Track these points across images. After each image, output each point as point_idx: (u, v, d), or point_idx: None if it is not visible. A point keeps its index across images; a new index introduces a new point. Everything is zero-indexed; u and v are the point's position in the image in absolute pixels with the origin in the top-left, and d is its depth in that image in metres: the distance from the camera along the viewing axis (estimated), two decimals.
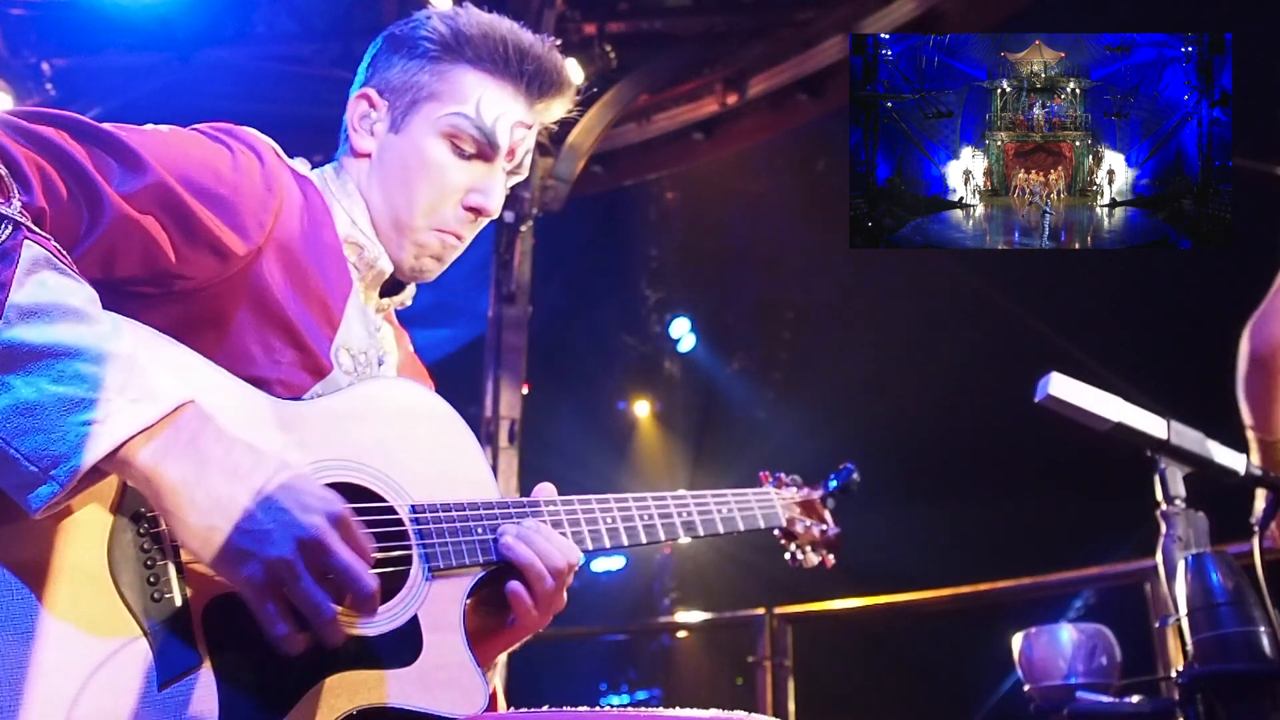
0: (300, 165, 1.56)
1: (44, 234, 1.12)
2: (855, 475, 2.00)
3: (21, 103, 5.56)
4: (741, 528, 1.80)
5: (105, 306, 1.15)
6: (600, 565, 7.43)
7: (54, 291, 1.08)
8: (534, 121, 1.62)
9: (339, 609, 1.20)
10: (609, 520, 1.60)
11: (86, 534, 1.12)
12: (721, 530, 1.75)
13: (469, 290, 6.81)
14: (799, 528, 1.93)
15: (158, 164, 1.25)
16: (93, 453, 1.04)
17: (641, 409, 10.23)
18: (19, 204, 1.10)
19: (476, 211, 1.57)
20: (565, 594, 1.50)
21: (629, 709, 1.37)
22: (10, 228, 1.07)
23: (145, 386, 1.09)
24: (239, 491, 1.11)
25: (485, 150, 1.56)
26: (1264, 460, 2.44)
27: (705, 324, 9.77)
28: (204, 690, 1.14)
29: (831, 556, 1.96)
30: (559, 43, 1.65)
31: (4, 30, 5.54)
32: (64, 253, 1.14)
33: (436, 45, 1.56)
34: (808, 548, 1.95)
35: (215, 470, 1.11)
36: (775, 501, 1.91)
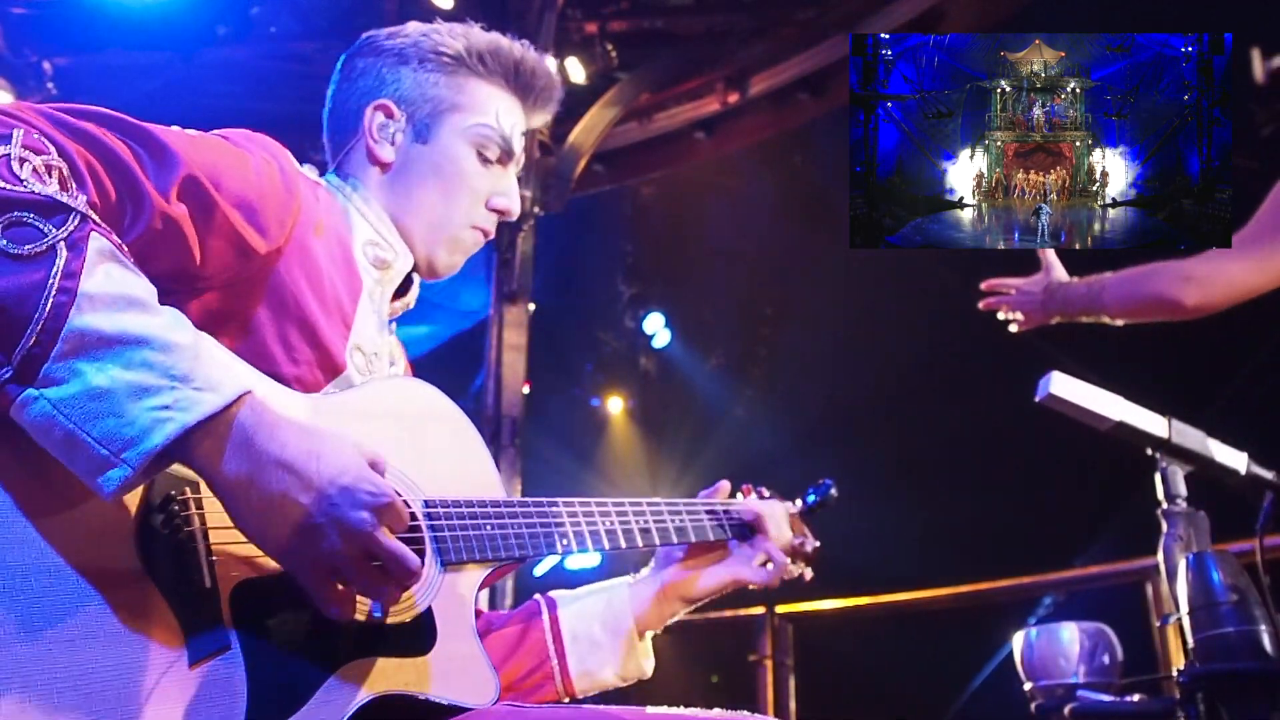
0: (310, 172, 1.60)
1: (106, 227, 1.15)
2: (833, 490, 2.03)
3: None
4: (728, 537, 1.86)
5: None
6: (575, 563, 7.39)
7: (119, 282, 1.10)
8: (530, 128, 1.75)
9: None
10: (608, 524, 1.65)
11: (117, 517, 1.15)
12: (711, 538, 1.81)
13: (448, 288, 6.81)
14: None
15: (187, 159, 1.29)
16: (162, 436, 1.07)
17: (615, 405, 10.18)
18: (84, 198, 1.14)
19: (502, 213, 1.69)
20: None
21: (625, 706, 1.38)
22: (78, 219, 1.10)
23: (209, 376, 1.12)
24: (292, 487, 1.14)
25: (504, 157, 1.68)
26: (1072, 310, 2.49)
27: (682, 320, 9.68)
28: (233, 671, 1.17)
29: (810, 570, 1.99)
30: (553, 58, 1.77)
31: (5, 29, 5.55)
32: (124, 246, 1.17)
33: (451, 59, 1.65)
34: (787, 560, 1.98)
35: (270, 467, 1.13)
36: None
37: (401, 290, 1.68)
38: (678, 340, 9.78)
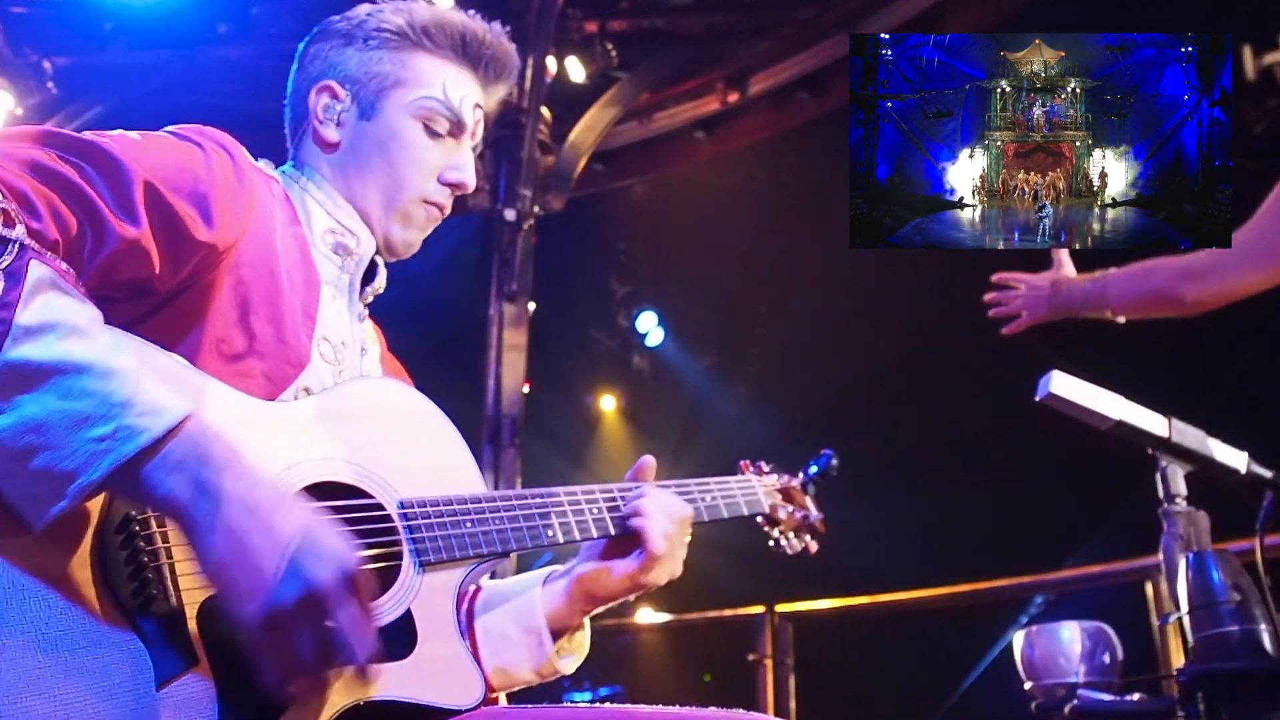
0: (265, 166, 1.59)
1: (50, 255, 1.13)
2: (834, 461, 1.99)
3: (23, 101, 5.56)
4: (725, 515, 1.79)
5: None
6: None
7: (58, 311, 1.09)
8: (485, 103, 1.70)
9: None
10: (594, 510, 1.61)
11: (76, 537, 1.13)
12: (706, 518, 1.74)
13: (442, 286, 6.80)
14: (781, 514, 1.92)
15: (139, 166, 1.27)
16: (99, 471, 1.05)
17: (607, 404, 10.14)
18: (23, 228, 1.11)
19: (455, 186, 1.66)
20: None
21: (623, 705, 1.38)
22: (16, 249, 1.09)
23: (151, 399, 1.09)
24: (254, 531, 1.11)
25: (455, 130, 1.65)
26: (1076, 306, 2.51)
27: (675, 319, 9.67)
28: (202, 690, 1.15)
29: (815, 543, 1.95)
30: (509, 29, 1.73)
31: (5, 28, 5.54)
32: (70, 273, 1.15)
33: (394, 35, 1.63)
34: (791, 534, 1.94)
35: (231, 506, 1.10)
36: (757, 488, 1.90)
37: (369, 277, 1.66)
38: (671, 339, 9.76)
